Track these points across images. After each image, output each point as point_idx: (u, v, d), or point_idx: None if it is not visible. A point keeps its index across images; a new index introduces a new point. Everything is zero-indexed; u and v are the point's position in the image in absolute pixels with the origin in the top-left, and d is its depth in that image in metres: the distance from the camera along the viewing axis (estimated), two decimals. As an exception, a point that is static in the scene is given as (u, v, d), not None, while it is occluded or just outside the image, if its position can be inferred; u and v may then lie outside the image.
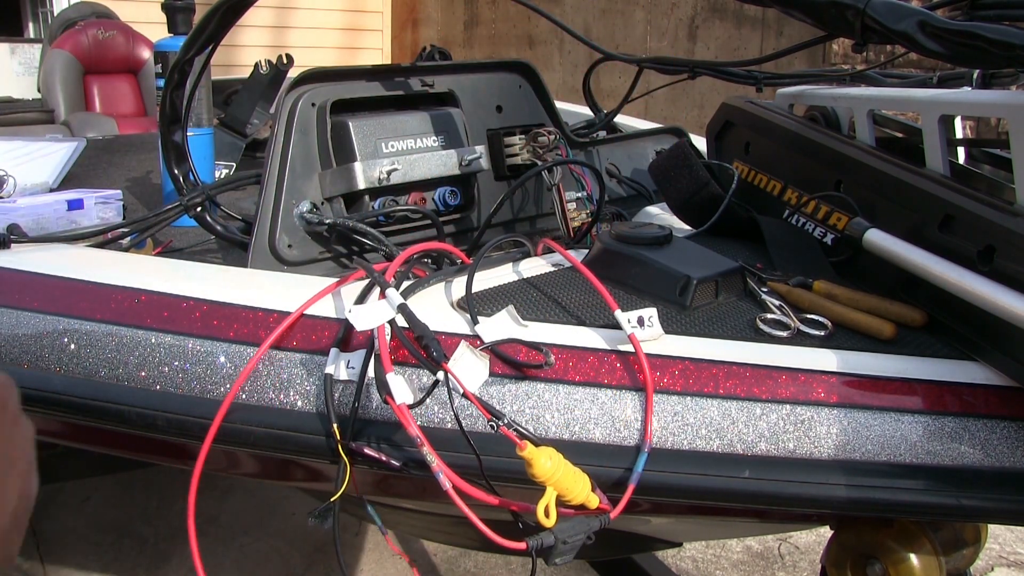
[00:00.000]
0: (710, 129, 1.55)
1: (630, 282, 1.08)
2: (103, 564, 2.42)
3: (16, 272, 1.17)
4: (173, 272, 1.16)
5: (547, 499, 0.80)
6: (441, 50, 2.06)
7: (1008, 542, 2.58)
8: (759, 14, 4.87)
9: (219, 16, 1.26)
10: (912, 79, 1.50)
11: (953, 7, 1.16)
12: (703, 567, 2.44)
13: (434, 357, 0.86)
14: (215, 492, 2.78)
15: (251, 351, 1.00)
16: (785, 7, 0.97)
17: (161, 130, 1.44)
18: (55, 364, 1.07)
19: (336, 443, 0.93)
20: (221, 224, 1.44)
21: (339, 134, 1.36)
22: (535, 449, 0.80)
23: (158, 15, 1.83)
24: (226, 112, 2.13)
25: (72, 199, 1.52)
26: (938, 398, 0.93)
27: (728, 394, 0.93)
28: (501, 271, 1.16)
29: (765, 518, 1.16)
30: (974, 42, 0.84)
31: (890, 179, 1.11)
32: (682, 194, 1.41)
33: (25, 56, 5.11)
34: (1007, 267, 0.90)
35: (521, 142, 1.56)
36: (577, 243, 1.41)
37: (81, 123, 3.75)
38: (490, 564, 2.44)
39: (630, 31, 5.69)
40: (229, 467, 1.22)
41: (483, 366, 0.85)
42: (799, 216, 1.28)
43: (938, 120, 1.08)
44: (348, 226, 1.29)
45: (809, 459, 0.91)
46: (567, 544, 0.82)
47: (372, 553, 2.49)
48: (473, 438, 0.86)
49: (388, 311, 0.93)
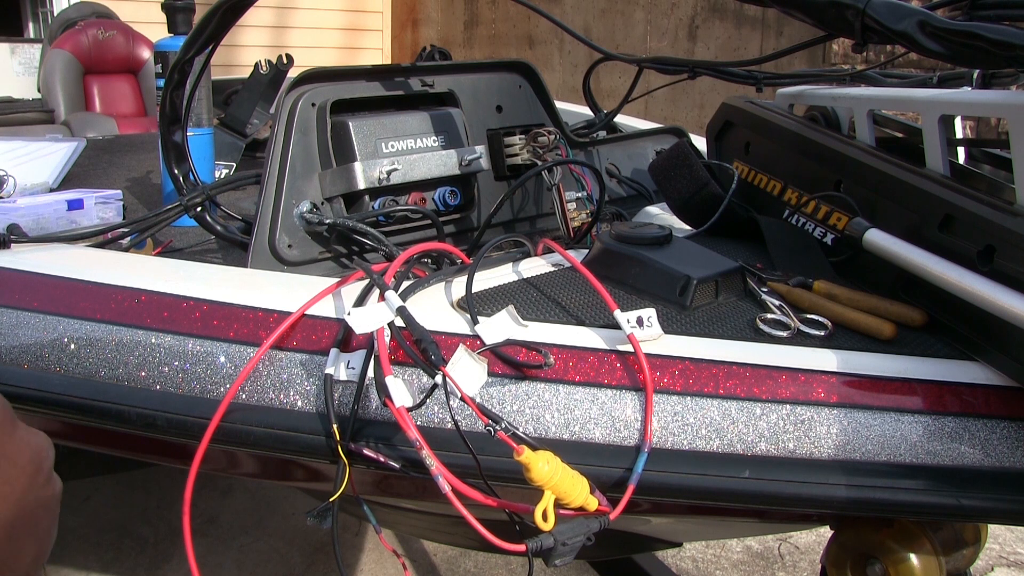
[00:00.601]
0: (710, 129, 1.55)
1: (630, 282, 1.08)
2: (103, 564, 2.42)
3: (16, 272, 1.17)
4: (173, 272, 1.16)
5: (545, 503, 0.80)
6: (441, 50, 2.07)
7: (1008, 542, 2.58)
8: (759, 14, 4.87)
9: (219, 16, 1.26)
10: (912, 79, 1.50)
11: (953, 7, 1.16)
12: (703, 567, 2.44)
13: (432, 360, 0.86)
14: (215, 492, 2.78)
15: (251, 351, 1.00)
16: (785, 7, 0.97)
17: (161, 130, 1.44)
18: (55, 364, 1.07)
19: (336, 443, 0.93)
20: (221, 224, 1.44)
21: (339, 134, 1.36)
22: (532, 454, 0.80)
23: (158, 15, 1.83)
24: (226, 112, 2.13)
25: (72, 199, 1.52)
26: (938, 398, 0.93)
27: (728, 394, 0.93)
28: (501, 271, 1.16)
29: (765, 518, 1.16)
30: (974, 42, 0.84)
31: (890, 179, 1.11)
32: (682, 194, 1.41)
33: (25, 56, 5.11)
34: (1007, 267, 0.90)
35: (521, 142, 1.56)
36: (577, 243, 1.41)
37: (81, 123, 3.75)
38: (490, 564, 2.44)
39: (630, 31, 5.69)
40: (229, 467, 1.22)
41: (481, 369, 0.85)
42: (799, 216, 1.28)
43: (938, 120, 1.07)
44: (348, 226, 1.29)
45: (809, 459, 0.91)
46: (566, 546, 0.82)
47: (372, 553, 2.49)
48: (472, 439, 0.86)
49: (387, 314, 0.93)
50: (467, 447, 0.85)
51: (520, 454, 0.80)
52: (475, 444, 0.86)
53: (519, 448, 0.80)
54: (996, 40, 0.83)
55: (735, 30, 5.08)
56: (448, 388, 0.84)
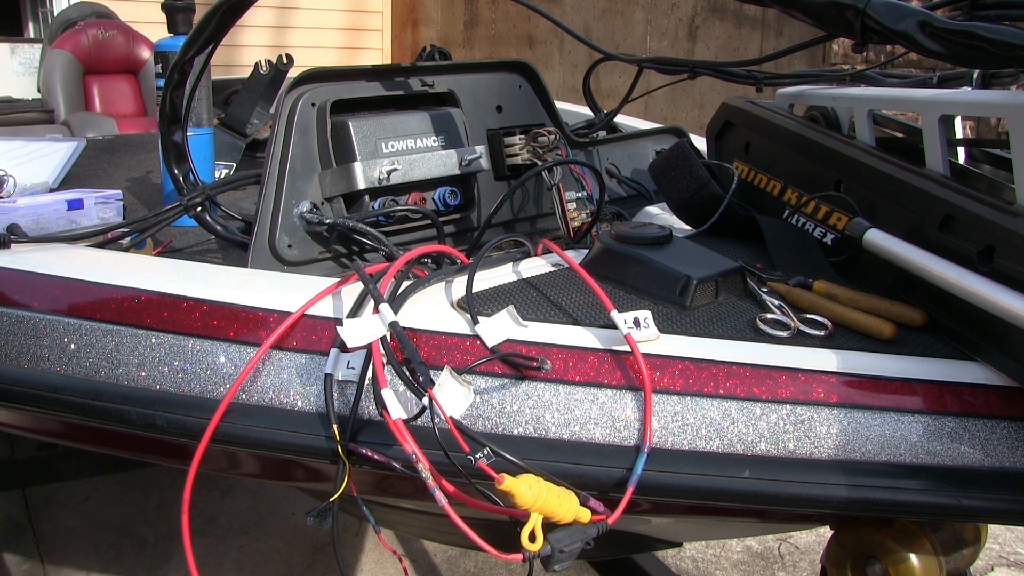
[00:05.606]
0: (710, 129, 1.55)
1: (630, 282, 1.08)
2: (103, 564, 2.42)
3: (16, 272, 1.17)
4: (173, 272, 1.15)
5: (531, 524, 0.80)
6: (441, 50, 2.07)
7: (1008, 542, 2.58)
8: (759, 14, 4.87)
9: (219, 16, 1.26)
10: (912, 79, 1.50)
11: (953, 7, 1.16)
12: (703, 567, 2.44)
13: (420, 382, 0.86)
14: (215, 492, 2.78)
15: (251, 351, 1.00)
16: (785, 7, 0.97)
17: (161, 130, 1.44)
18: (55, 364, 1.07)
19: (336, 444, 0.93)
20: (221, 224, 1.44)
21: (339, 134, 1.36)
22: (513, 480, 0.80)
23: (158, 15, 1.83)
24: (226, 112, 2.13)
25: (72, 199, 1.52)
26: (938, 398, 0.93)
27: (728, 394, 0.93)
28: (501, 271, 1.16)
29: (765, 518, 1.16)
30: (974, 42, 0.84)
31: (890, 179, 1.11)
32: (682, 194, 1.41)
33: (25, 56, 5.10)
34: (1007, 267, 0.90)
35: (521, 142, 1.56)
36: (577, 243, 1.41)
37: (81, 123, 3.75)
38: (490, 564, 2.44)
39: (630, 31, 5.69)
40: (229, 467, 1.22)
41: (467, 392, 0.85)
42: (799, 216, 1.28)
43: (938, 120, 1.07)
44: (348, 226, 1.29)
45: (809, 459, 0.91)
46: (564, 552, 0.82)
47: (372, 553, 2.49)
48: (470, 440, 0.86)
49: (380, 328, 0.93)
50: (458, 470, 0.85)
51: (500, 483, 0.79)
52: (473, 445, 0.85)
53: (499, 477, 0.80)
54: (996, 40, 0.83)
55: (735, 30, 5.08)
56: (434, 409, 0.84)
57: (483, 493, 0.88)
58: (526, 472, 0.83)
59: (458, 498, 0.85)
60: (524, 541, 0.80)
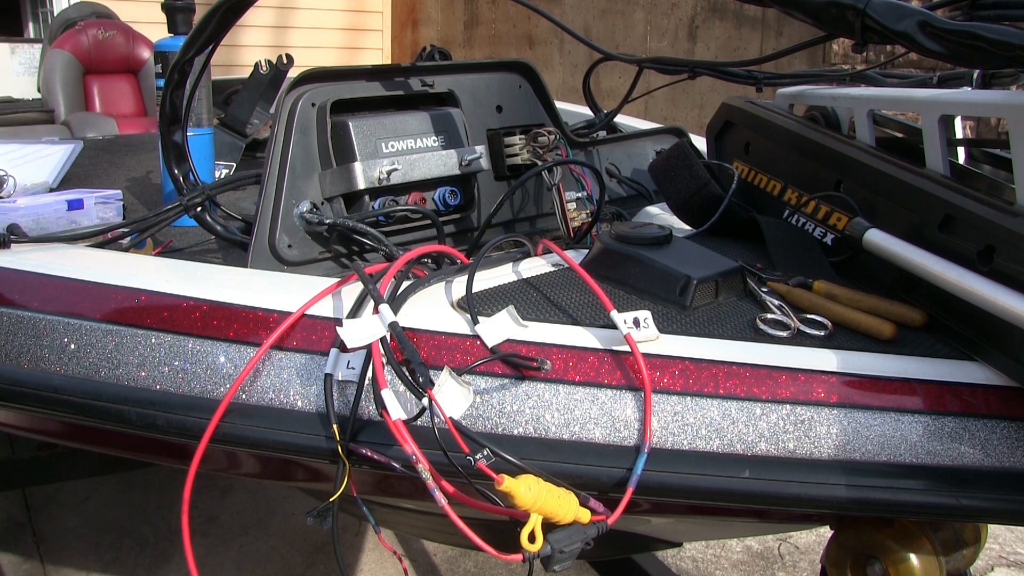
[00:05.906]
0: (710, 129, 1.55)
1: (630, 282, 1.08)
2: (103, 564, 2.42)
3: (16, 272, 1.17)
4: (173, 272, 1.15)
5: (531, 525, 0.80)
6: (441, 50, 2.07)
7: (1008, 542, 2.58)
8: (759, 14, 4.87)
9: (219, 16, 1.26)
10: (912, 79, 1.50)
11: (953, 7, 1.16)
12: (703, 567, 2.44)
13: (420, 383, 0.86)
14: (215, 492, 2.78)
15: (251, 351, 1.00)
16: (785, 7, 0.97)
17: (161, 130, 1.44)
18: (55, 364, 1.07)
19: (336, 444, 0.93)
20: (221, 224, 1.44)
21: (339, 134, 1.36)
22: (512, 481, 0.80)
23: (158, 15, 1.83)
24: (226, 112, 2.13)
25: (72, 199, 1.52)
26: (938, 398, 0.93)
27: (728, 394, 0.93)
28: (501, 271, 1.16)
29: (765, 518, 1.16)
30: (974, 42, 0.84)
31: (890, 179, 1.11)
32: (682, 194, 1.41)
33: (25, 56, 5.10)
34: (1007, 267, 0.90)
35: (521, 142, 1.56)
36: (577, 243, 1.41)
37: (81, 123, 3.75)
38: (490, 564, 2.44)
39: (630, 31, 5.69)
40: (229, 467, 1.22)
41: (466, 393, 0.85)
42: (799, 216, 1.28)
43: (938, 120, 1.07)
44: (348, 226, 1.29)
45: (809, 459, 0.91)
46: (564, 553, 0.82)
47: (372, 553, 2.49)
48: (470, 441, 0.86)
49: (379, 328, 0.93)
50: (458, 470, 0.85)
51: (500, 484, 0.79)
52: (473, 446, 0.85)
53: (499, 478, 0.80)
54: (996, 40, 0.83)
55: (735, 30, 5.08)
56: (433, 410, 0.84)
57: (483, 493, 0.88)
58: (526, 473, 0.83)
59: (458, 498, 0.85)
60: (524, 541, 0.80)
